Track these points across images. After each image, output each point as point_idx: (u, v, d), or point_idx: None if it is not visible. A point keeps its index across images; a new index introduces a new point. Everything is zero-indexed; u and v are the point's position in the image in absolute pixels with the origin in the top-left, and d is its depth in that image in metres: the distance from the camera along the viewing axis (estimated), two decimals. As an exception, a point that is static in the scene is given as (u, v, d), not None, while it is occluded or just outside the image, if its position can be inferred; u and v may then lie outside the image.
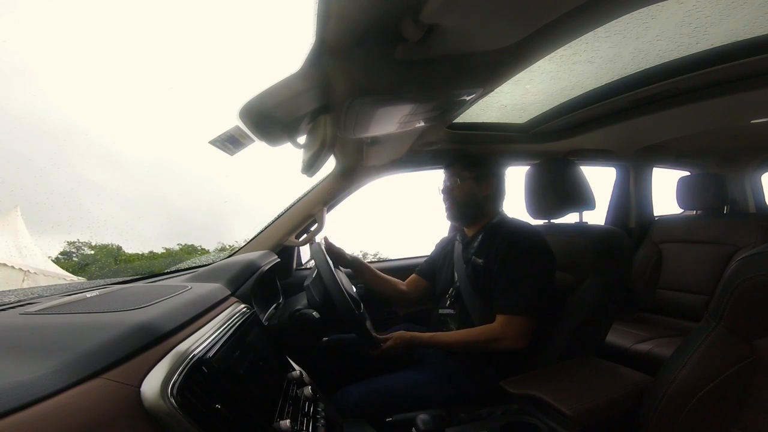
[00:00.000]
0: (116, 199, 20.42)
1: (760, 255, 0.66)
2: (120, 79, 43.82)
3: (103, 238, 3.63)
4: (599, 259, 1.08)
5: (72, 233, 5.06)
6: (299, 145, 0.91)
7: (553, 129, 1.45)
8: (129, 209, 19.52)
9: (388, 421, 0.89)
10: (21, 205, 3.34)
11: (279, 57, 0.72)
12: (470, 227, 1.19)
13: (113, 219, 6.25)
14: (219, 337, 0.58)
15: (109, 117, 40.14)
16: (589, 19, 0.66)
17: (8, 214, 5.83)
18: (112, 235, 5.27)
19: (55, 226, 5.12)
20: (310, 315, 0.94)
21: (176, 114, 52.64)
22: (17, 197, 4.20)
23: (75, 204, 5.82)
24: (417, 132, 1.12)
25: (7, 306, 0.68)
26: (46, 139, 22.17)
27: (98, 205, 11.06)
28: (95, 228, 4.10)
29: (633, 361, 1.46)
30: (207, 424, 0.44)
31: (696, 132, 1.56)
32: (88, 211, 5.06)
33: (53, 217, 3.97)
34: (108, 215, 7.55)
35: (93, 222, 4.02)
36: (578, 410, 0.74)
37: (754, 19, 0.80)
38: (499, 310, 1.01)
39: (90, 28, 43.72)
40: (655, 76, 1.06)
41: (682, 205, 1.94)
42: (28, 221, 2.67)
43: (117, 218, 6.88)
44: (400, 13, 0.54)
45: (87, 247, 3.42)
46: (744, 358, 0.65)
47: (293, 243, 1.45)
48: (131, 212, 18.79)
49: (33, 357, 0.41)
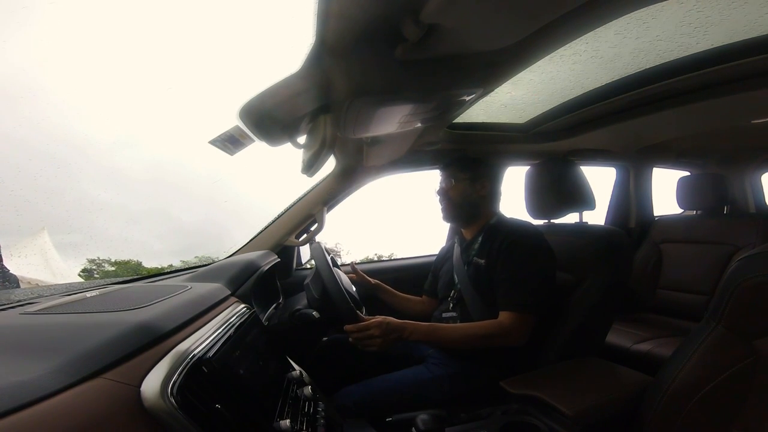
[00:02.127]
0: (123, 215, 20.53)
1: (760, 255, 0.66)
2: (114, 86, 41.01)
3: (119, 254, 3.70)
4: (599, 259, 1.08)
5: (87, 251, 5.20)
6: (299, 145, 0.91)
7: (553, 129, 1.45)
8: (136, 224, 19.66)
9: (388, 421, 0.89)
10: (27, 223, 3.37)
11: (279, 57, 0.71)
12: (468, 228, 1.20)
13: (122, 234, 6.22)
14: (219, 337, 0.58)
15: (104, 131, 38.53)
16: (589, 19, 0.66)
17: (37, 236, 5.99)
18: (127, 251, 5.35)
19: (71, 244, 5.24)
20: (310, 315, 0.94)
21: (174, 118, 50.57)
22: (42, 218, 4.25)
23: (86, 222, 5.84)
24: (417, 132, 1.12)
25: (7, 306, 0.67)
26: (50, 160, 22.14)
27: (108, 222, 11.18)
28: (112, 244, 4.17)
29: (633, 361, 1.46)
30: (207, 424, 0.44)
31: (696, 132, 1.56)
32: (105, 229, 5.06)
33: (69, 236, 4.03)
34: (117, 231, 7.61)
35: (104, 238, 4.04)
36: (578, 410, 0.74)
37: (754, 19, 0.80)
38: (506, 307, 1.00)
39: (89, 28, 41.72)
40: (655, 76, 1.05)
41: (682, 205, 1.94)
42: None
43: (127, 234, 6.92)
44: (400, 13, 0.54)
45: (107, 263, 3.47)
46: (744, 358, 0.65)
47: (293, 243, 1.45)
48: (141, 227, 18.99)
49: (33, 357, 0.41)
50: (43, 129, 15.24)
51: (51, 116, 18.61)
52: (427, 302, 1.35)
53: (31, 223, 4.28)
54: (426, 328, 0.98)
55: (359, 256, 12.97)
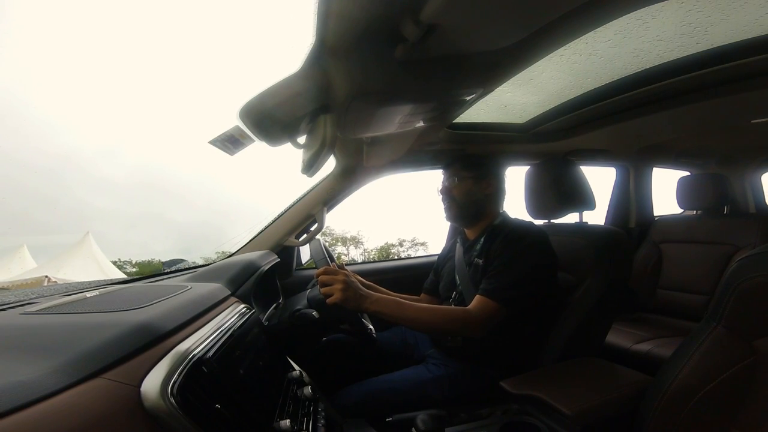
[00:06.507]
0: (121, 220, 20.65)
1: (760, 255, 0.66)
2: (109, 86, 42.61)
3: (131, 255, 3.93)
4: (599, 259, 1.08)
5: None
6: (299, 145, 0.91)
7: (553, 129, 1.45)
8: (136, 228, 19.76)
9: (388, 421, 0.89)
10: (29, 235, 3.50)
11: (279, 57, 0.71)
12: (471, 228, 1.18)
13: (124, 237, 6.40)
14: (219, 337, 0.58)
15: (94, 136, 39.86)
16: (589, 19, 0.66)
17: (84, 241, 6.32)
18: (134, 252, 5.77)
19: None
20: (309, 315, 0.94)
21: (174, 118, 51.84)
22: (89, 226, 4.48)
23: (88, 226, 5.80)
24: (417, 132, 1.12)
25: (7, 306, 0.68)
26: (43, 170, 22.43)
27: (109, 227, 11.32)
28: (123, 248, 4.39)
29: (633, 361, 1.46)
30: (207, 424, 0.44)
31: (696, 132, 1.56)
32: (106, 234, 5.06)
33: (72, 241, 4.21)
34: (119, 235, 7.65)
35: (111, 242, 4.33)
36: (578, 410, 0.74)
37: (754, 19, 0.80)
38: (479, 292, 0.97)
39: (87, 28, 41.85)
40: (655, 76, 1.05)
41: (682, 205, 1.94)
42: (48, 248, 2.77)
43: (129, 237, 6.93)
44: (400, 13, 0.54)
45: (129, 264, 3.60)
46: (744, 358, 0.65)
47: (293, 243, 1.45)
48: (142, 229, 19.04)
49: (33, 357, 0.41)
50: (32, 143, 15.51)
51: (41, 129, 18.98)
52: (426, 301, 1.33)
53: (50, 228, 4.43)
54: (390, 302, 0.93)
55: (380, 242, 12.86)
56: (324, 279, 0.89)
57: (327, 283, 0.88)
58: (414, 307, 0.94)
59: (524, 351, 1.06)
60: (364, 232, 14.25)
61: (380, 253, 13.19)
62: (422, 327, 0.95)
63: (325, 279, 0.89)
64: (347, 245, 13.26)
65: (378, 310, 0.90)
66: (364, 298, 0.89)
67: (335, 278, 0.88)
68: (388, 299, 0.94)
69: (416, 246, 13.12)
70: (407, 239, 13.25)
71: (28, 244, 7.04)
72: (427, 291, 1.33)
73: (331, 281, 0.88)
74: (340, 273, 0.89)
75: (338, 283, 0.87)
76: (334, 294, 0.86)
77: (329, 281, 0.88)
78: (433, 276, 1.33)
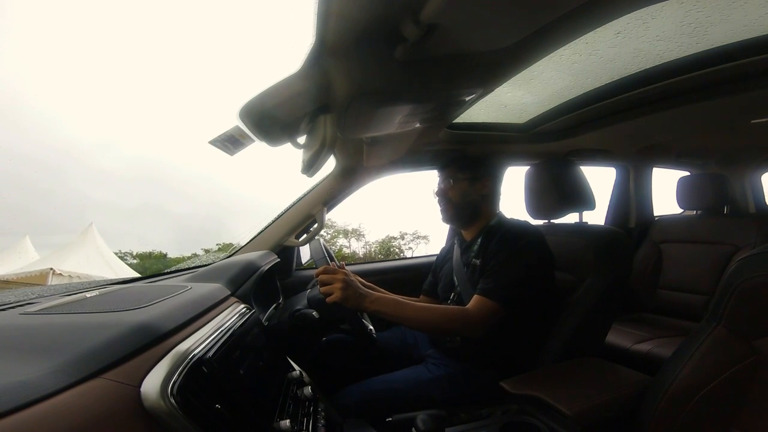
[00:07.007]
0: (120, 213, 20.68)
1: (760, 255, 0.66)
2: (106, 83, 42.52)
3: (131, 247, 3.94)
4: (599, 259, 1.08)
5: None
6: (299, 145, 0.91)
7: (553, 129, 1.45)
8: (134, 220, 19.73)
9: (388, 421, 0.89)
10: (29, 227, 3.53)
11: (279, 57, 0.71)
12: (467, 229, 1.18)
13: (120, 229, 6.42)
14: (219, 337, 0.58)
15: (90, 129, 39.85)
16: (588, 19, 0.66)
17: (87, 232, 6.25)
18: (134, 244, 5.78)
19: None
20: (309, 315, 0.94)
21: (174, 118, 51.94)
22: (91, 217, 4.49)
23: (87, 219, 5.80)
24: (417, 132, 1.12)
25: (7, 306, 0.68)
26: (40, 165, 22.46)
27: (108, 219, 11.38)
28: (123, 239, 4.41)
29: (633, 361, 1.46)
30: (207, 424, 0.44)
31: (696, 132, 1.56)
32: (106, 225, 5.04)
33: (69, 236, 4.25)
34: (119, 226, 7.66)
35: (111, 234, 4.29)
36: (578, 410, 0.74)
37: (754, 19, 0.80)
38: (477, 292, 0.97)
39: (86, 27, 41.85)
40: (655, 76, 1.05)
41: (682, 205, 1.95)
42: (48, 241, 2.79)
43: (126, 229, 6.97)
44: (400, 13, 0.54)
45: (130, 256, 3.61)
46: (744, 358, 0.65)
47: (293, 243, 1.45)
48: (140, 222, 18.99)
49: (33, 357, 0.41)
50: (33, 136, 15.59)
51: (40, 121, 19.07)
52: (425, 302, 1.33)
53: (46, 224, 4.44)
54: (389, 301, 0.93)
55: (382, 235, 12.90)
56: (324, 278, 0.89)
57: (327, 282, 0.88)
58: (413, 306, 0.94)
59: (524, 351, 1.06)
60: (366, 224, 14.31)
61: (381, 246, 13.20)
62: (421, 326, 0.95)
63: (325, 278, 0.89)
64: (348, 238, 13.27)
65: (377, 309, 0.90)
66: (363, 297, 0.89)
67: (335, 277, 0.88)
68: (388, 298, 0.94)
69: (418, 239, 13.15)
70: (409, 232, 13.33)
71: (30, 236, 7.01)
72: (425, 292, 1.33)
73: (331, 280, 0.88)
74: (339, 272, 0.90)
75: (338, 282, 0.87)
76: (333, 293, 0.86)
77: (329, 280, 0.88)
78: (432, 277, 1.33)
